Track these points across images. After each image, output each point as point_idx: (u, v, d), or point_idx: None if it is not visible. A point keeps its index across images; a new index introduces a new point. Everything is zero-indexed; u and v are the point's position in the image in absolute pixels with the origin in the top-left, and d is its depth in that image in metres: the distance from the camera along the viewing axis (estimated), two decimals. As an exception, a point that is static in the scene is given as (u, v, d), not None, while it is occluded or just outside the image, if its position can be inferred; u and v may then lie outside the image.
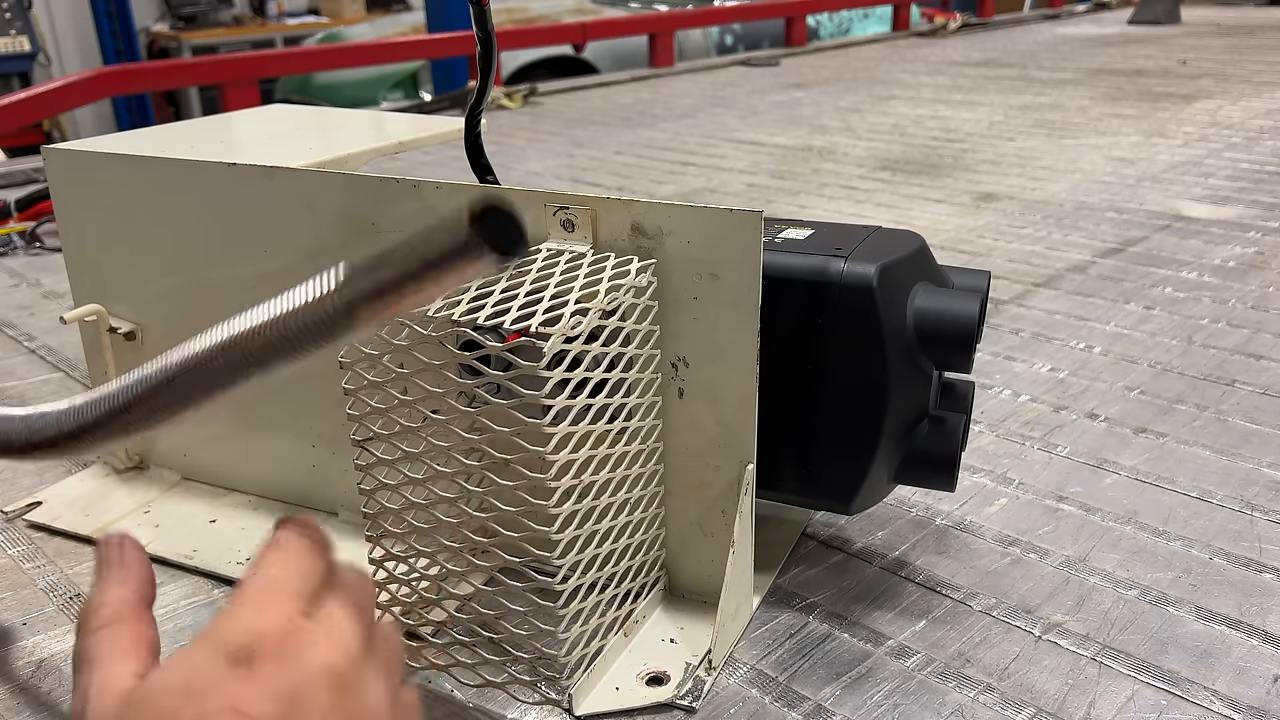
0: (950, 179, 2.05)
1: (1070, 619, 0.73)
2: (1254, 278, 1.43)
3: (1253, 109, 2.74)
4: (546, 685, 0.62)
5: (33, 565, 0.82)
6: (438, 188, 0.71)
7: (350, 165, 0.88)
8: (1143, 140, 2.38)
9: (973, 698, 0.65)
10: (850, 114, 2.81)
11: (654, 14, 4.83)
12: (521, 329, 0.56)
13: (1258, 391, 1.08)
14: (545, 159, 2.34)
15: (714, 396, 0.68)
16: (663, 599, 0.74)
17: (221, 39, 6.26)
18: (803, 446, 0.72)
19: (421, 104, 3.33)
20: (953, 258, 1.53)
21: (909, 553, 0.81)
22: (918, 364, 0.70)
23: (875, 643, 0.71)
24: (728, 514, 0.70)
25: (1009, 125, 2.59)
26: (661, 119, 2.83)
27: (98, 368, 0.91)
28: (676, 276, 0.66)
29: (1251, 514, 0.85)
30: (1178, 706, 0.64)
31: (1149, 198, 1.87)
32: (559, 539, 0.59)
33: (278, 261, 0.80)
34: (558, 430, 0.57)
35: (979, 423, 1.02)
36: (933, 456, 0.72)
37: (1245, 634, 0.71)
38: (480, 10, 0.74)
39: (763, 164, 2.22)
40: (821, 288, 0.68)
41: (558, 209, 0.67)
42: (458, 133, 0.88)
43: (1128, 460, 0.94)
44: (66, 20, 6.07)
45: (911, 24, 5.03)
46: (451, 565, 0.63)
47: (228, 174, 0.79)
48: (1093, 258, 1.54)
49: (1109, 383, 1.11)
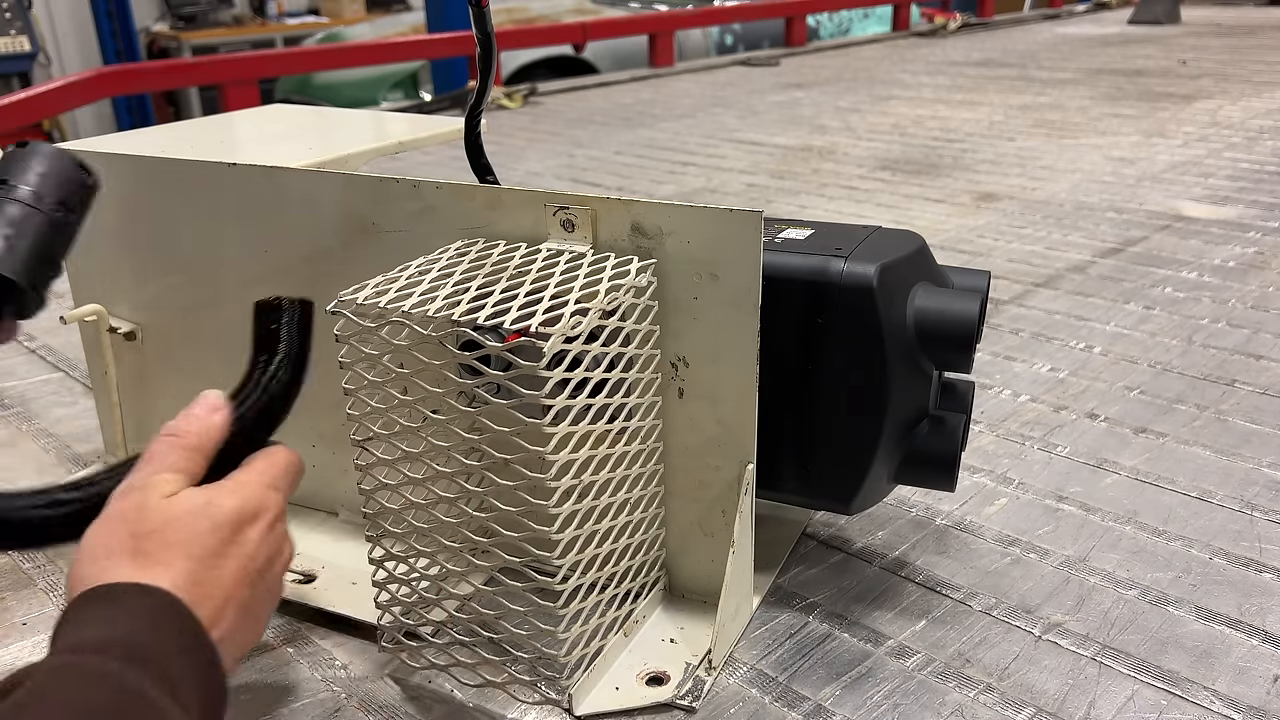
0: (950, 179, 2.05)
1: (1070, 619, 0.73)
2: (1254, 278, 1.43)
3: (1253, 109, 2.74)
4: (546, 685, 0.62)
5: (33, 565, 0.82)
6: (438, 188, 0.71)
7: (350, 165, 0.88)
8: (1143, 140, 2.38)
9: (973, 698, 0.65)
10: (850, 114, 2.81)
11: (654, 14, 4.83)
12: (521, 329, 0.56)
13: (1258, 391, 1.08)
14: (545, 159, 2.35)
15: (714, 396, 0.68)
16: (663, 599, 0.74)
17: (221, 39, 6.26)
18: (803, 446, 0.72)
19: (421, 104, 3.33)
20: (953, 258, 1.53)
21: (909, 553, 0.81)
22: (918, 364, 0.70)
23: (875, 643, 0.71)
24: (728, 514, 0.70)
25: (1009, 125, 2.59)
26: (661, 119, 2.83)
27: (98, 368, 0.91)
28: (676, 276, 0.66)
29: (1251, 514, 0.85)
30: (1178, 706, 0.64)
31: (1149, 198, 1.87)
32: (559, 539, 0.59)
33: (278, 261, 0.80)
34: (558, 430, 0.57)
35: (979, 423, 1.02)
36: (933, 456, 0.72)
37: (1245, 634, 0.71)
38: (480, 11, 0.74)
39: (763, 164, 2.22)
40: (821, 288, 0.68)
41: (558, 209, 0.67)
42: (458, 133, 0.88)
43: (1128, 460, 0.94)
44: (66, 20, 6.07)
45: (911, 24, 5.04)
46: (451, 565, 0.63)
47: (228, 174, 0.79)
48: (1093, 258, 1.54)
49: (1109, 383, 1.11)
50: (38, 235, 0.65)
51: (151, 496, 0.55)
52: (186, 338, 0.87)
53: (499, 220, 0.70)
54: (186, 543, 0.53)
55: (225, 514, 0.55)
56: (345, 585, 0.75)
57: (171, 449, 0.57)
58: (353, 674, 0.69)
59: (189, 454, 0.57)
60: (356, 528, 0.79)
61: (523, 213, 0.69)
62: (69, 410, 1.09)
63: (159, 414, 0.91)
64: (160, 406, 0.91)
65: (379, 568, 0.65)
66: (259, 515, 0.57)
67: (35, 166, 0.66)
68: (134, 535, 0.53)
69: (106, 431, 0.94)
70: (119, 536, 0.53)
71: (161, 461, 0.56)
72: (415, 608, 0.66)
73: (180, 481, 0.56)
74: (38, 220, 0.65)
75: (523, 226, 0.69)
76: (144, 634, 0.48)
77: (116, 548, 0.53)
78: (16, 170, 0.66)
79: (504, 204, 0.69)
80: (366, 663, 0.70)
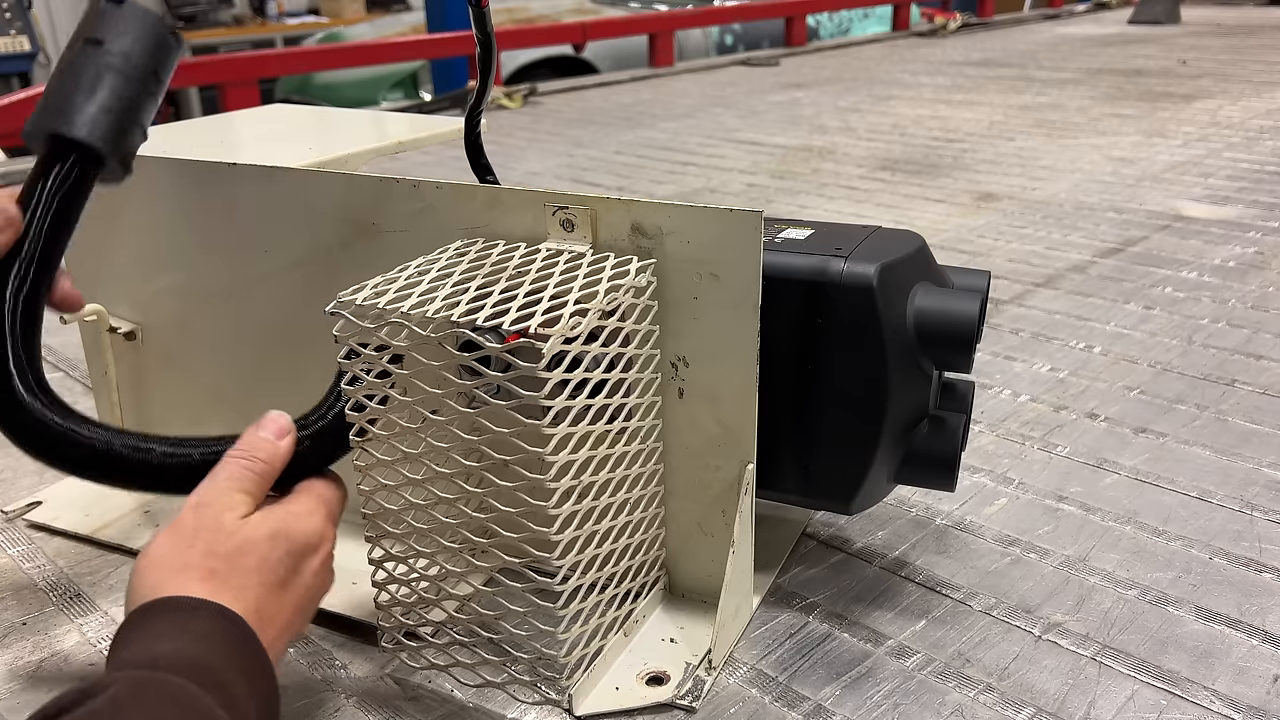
0: (950, 179, 2.05)
1: (1070, 619, 0.73)
2: (1254, 278, 1.43)
3: (1253, 109, 2.74)
4: (546, 685, 0.62)
5: (33, 565, 0.82)
6: (438, 188, 0.71)
7: (350, 165, 0.88)
8: (1143, 140, 2.38)
9: (973, 697, 0.65)
10: (850, 114, 2.81)
11: (654, 14, 4.83)
12: (521, 329, 0.56)
13: (1258, 391, 1.08)
14: (545, 159, 2.35)
15: (714, 396, 0.68)
16: (663, 599, 0.74)
17: (221, 39, 6.25)
18: (803, 446, 0.72)
19: (421, 104, 3.33)
20: (953, 258, 1.53)
21: (909, 553, 0.81)
22: (918, 364, 0.70)
23: (875, 642, 0.71)
24: (728, 514, 0.70)
25: (1009, 125, 2.59)
26: (661, 119, 2.83)
27: (98, 368, 0.91)
28: (676, 276, 0.66)
29: (1251, 514, 0.85)
30: (1178, 706, 0.64)
31: (1149, 198, 1.87)
32: (558, 540, 0.58)
33: (278, 261, 0.80)
34: (557, 431, 0.57)
35: (979, 423, 1.02)
36: (933, 456, 0.72)
37: (1245, 634, 0.71)
38: (480, 11, 0.74)
39: (763, 164, 2.22)
40: (821, 288, 0.68)
41: (558, 209, 0.67)
42: (458, 133, 0.88)
43: (1128, 460, 0.94)
44: (66, 20, 6.07)
45: (911, 24, 5.04)
46: (451, 566, 0.63)
47: (228, 174, 0.79)
48: (1093, 258, 1.54)
49: (1109, 383, 1.11)
50: (127, 103, 0.65)
51: (227, 518, 0.56)
52: (186, 338, 0.87)
53: (499, 220, 0.70)
54: (258, 569, 0.55)
55: (294, 544, 0.57)
56: (345, 585, 0.75)
57: (245, 473, 0.59)
58: (353, 674, 0.69)
59: (259, 480, 0.59)
60: (356, 528, 0.79)
61: (522, 213, 0.69)
62: (69, 410, 1.09)
63: (159, 414, 0.92)
64: (160, 406, 0.91)
65: (379, 568, 0.65)
66: (319, 548, 0.59)
67: (129, 29, 0.65)
68: (209, 554, 0.54)
69: (106, 432, 0.94)
70: (194, 552, 0.54)
71: (234, 482, 0.58)
72: (415, 608, 0.66)
73: (249, 504, 0.58)
74: (130, 88, 0.65)
75: (522, 226, 0.69)
76: (216, 657, 0.50)
77: (191, 563, 0.54)
78: (111, 31, 0.65)
79: (504, 204, 0.69)
80: (366, 663, 0.70)
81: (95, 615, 0.75)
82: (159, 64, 0.67)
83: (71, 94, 0.63)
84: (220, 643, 0.51)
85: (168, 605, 0.51)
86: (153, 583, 0.53)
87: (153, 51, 0.66)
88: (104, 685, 0.45)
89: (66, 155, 0.64)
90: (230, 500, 0.57)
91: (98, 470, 0.63)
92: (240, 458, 0.59)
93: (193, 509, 0.57)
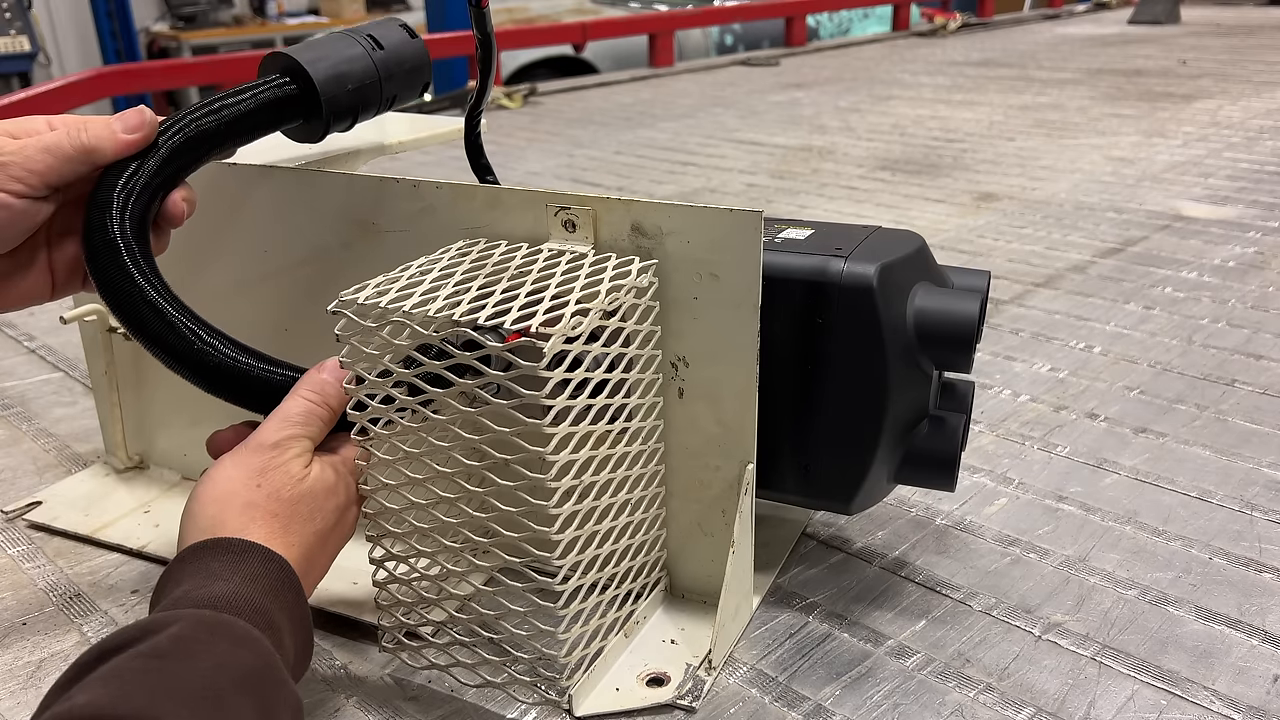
0: (950, 179, 2.05)
1: (1070, 619, 0.73)
2: (1254, 278, 1.43)
3: (1253, 109, 2.74)
4: (546, 686, 0.62)
5: (33, 565, 0.82)
6: (438, 188, 0.71)
7: (350, 165, 0.88)
8: (1143, 140, 2.38)
9: (973, 697, 0.65)
10: (850, 114, 2.81)
11: (654, 14, 4.83)
12: (522, 329, 0.56)
13: (1258, 391, 1.08)
14: (545, 159, 2.35)
15: (714, 396, 0.68)
16: (663, 599, 0.74)
17: (221, 39, 6.25)
18: (803, 446, 0.72)
19: (421, 104, 3.33)
20: (953, 258, 1.54)
21: (909, 553, 0.81)
22: (918, 364, 0.70)
23: (875, 643, 0.71)
24: (728, 514, 0.70)
25: (1009, 125, 2.59)
26: (661, 119, 2.83)
27: (98, 368, 0.91)
28: (677, 276, 0.66)
29: (1251, 514, 0.85)
30: (1178, 706, 0.64)
31: (1149, 198, 1.87)
32: (559, 539, 0.59)
33: (278, 261, 0.80)
34: (558, 431, 0.57)
35: (979, 423, 1.02)
36: (933, 456, 0.72)
37: (1245, 634, 0.71)
38: (480, 11, 0.74)
39: (763, 164, 2.22)
40: (821, 288, 0.68)
41: (558, 209, 0.67)
42: (458, 133, 0.88)
43: (1128, 460, 0.94)
44: (66, 20, 6.07)
45: (911, 24, 5.03)
46: (452, 565, 0.63)
47: (228, 174, 0.79)
48: (1093, 258, 1.54)
49: (1109, 383, 1.11)
50: (362, 93, 0.74)
51: (295, 465, 0.58)
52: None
53: (499, 220, 0.70)
54: (312, 518, 0.57)
55: (345, 499, 0.60)
56: (345, 585, 0.75)
57: (313, 416, 0.60)
58: (353, 674, 0.69)
59: (323, 427, 0.61)
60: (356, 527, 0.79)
61: (523, 213, 0.69)
62: (69, 410, 1.09)
63: (159, 414, 0.92)
64: (160, 406, 0.91)
65: (379, 568, 0.65)
66: (358, 500, 0.63)
67: (405, 52, 0.76)
68: (273, 496, 0.57)
69: (106, 431, 0.94)
70: (260, 493, 0.57)
71: (305, 427, 0.60)
72: (415, 608, 0.66)
73: (312, 449, 0.60)
74: (372, 88, 0.74)
75: (523, 226, 0.69)
76: (268, 601, 0.51)
77: (255, 502, 0.56)
78: (391, 42, 0.75)
79: (504, 204, 0.69)
80: (366, 663, 0.70)
81: (95, 615, 0.75)
82: (403, 90, 0.76)
83: (328, 54, 0.72)
84: (270, 587, 0.52)
85: (220, 546, 0.53)
86: (213, 514, 0.55)
87: (408, 79, 0.76)
88: (165, 622, 0.45)
89: (281, 78, 0.71)
90: (300, 445, 0.59)
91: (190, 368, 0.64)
92: (314, 401, 0.60)
93: (262, 447, 0.58)
